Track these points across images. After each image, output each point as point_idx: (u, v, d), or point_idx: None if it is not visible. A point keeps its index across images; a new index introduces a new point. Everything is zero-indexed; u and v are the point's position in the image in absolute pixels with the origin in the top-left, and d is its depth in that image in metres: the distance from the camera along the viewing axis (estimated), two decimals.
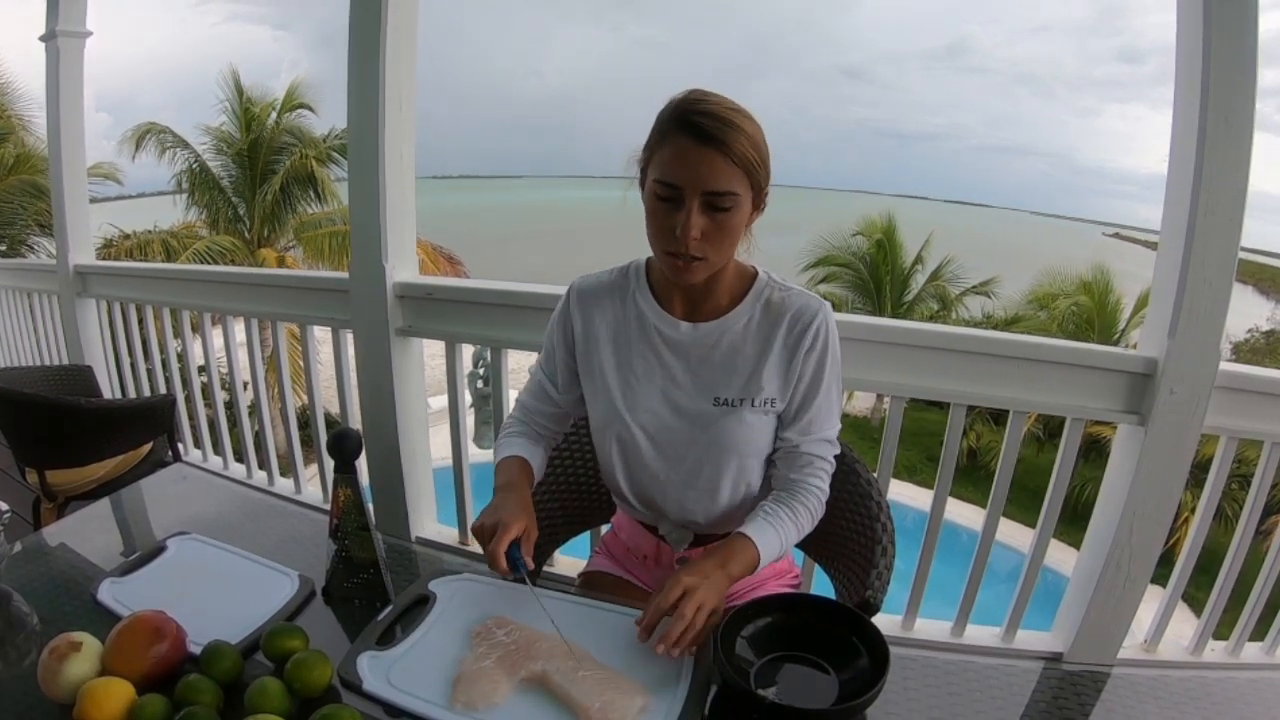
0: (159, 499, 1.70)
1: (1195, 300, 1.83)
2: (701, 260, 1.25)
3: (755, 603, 1.21)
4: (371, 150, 2.36)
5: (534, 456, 1.48)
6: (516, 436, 1.51)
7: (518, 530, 1.25)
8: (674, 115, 1.22)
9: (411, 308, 2.50)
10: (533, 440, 1.52)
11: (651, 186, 1.25)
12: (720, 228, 1.23)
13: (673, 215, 1.23)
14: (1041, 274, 18.26)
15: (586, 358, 1.45)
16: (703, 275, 1.29)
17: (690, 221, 1.21)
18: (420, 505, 2.72)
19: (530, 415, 1.54)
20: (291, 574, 1.35)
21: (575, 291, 1.47)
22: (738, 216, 1.24)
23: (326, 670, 1.07)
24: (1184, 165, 1.82)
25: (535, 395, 1.54)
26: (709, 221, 1.22)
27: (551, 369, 1.51)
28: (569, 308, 1.47)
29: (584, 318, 1.45)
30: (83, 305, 3.83)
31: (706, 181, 1.20)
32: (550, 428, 1.55)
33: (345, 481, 1.27)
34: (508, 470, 1.42)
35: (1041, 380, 2.05)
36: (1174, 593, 2.29)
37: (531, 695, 1.08)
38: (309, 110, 14.17)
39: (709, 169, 1.19)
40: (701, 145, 1.19)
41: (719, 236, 1.24)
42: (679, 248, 1.23)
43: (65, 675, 1.02)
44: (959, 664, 1.19)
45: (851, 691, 1.07)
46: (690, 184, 1.20)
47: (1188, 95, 1.81)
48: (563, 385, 1.50)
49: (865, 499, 1.60)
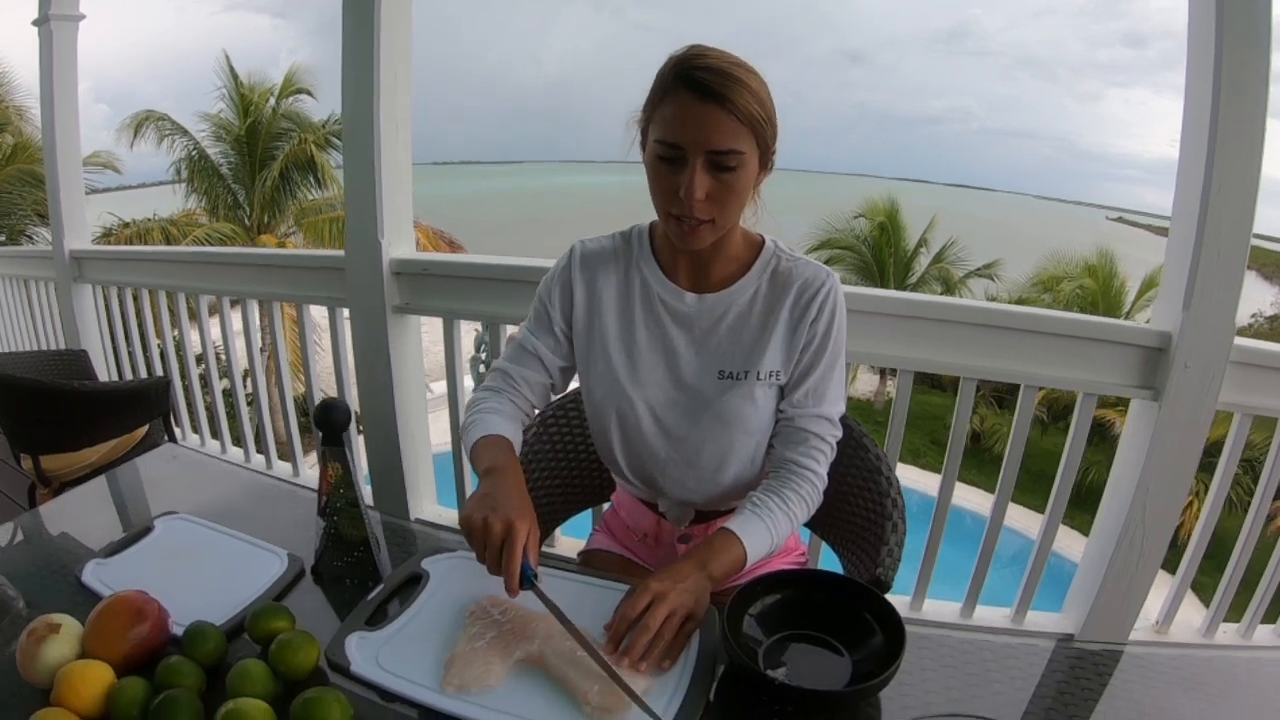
0: (149, 479, 1.66)
1: (1209, 271, 1.80)
2: (707, 223, 1.20)
3: (763, 579, 1.16)
4: (366, 122, 2.31)
5: (516, 438, 1.34)
6: (493, 414, 1.35)
7: (527, 532, 1.09)
8: (674, 71, 1.16)
9: (408, 284, 2.46)
10: (511, 420, 1.37)
11: (652, 147, 1.19)
12: (726, 188, 1.17)
13: (675, 176, 1.17)
14: (1045, 257, 18.26)
15: (588, 327, 1.38)
16: (709, 239, 1.23)
17: (694, 182, 1.15)
18: (419, 486, 2.69)
19: (513, 384, 1.40)
20: (280, 553, 1.30)
21: (578, 254, 1.39)
22: (743, 176, 1.18)
23: (313, 651, 1.03)
24: (1198, 134, 1.79)
25: (520, 362, 1.40)
26: (714, 182, 1.16)
27: (544, 331, 1.40)
28: (571, 270, 1.38)
29: (587, 283, 1.38)
30: (79, 291, 3.80)
31: (710, 140, 1.14)
32: (530, 401, 1.42)
33: (334, 455, 1.22)
34: (494, 452, 1.26)
35: (1053, 354, 2.01)
36: (1187, 573, 2.26)
37: (528, 677, 1.03)
38: (308, 95, 14.15)
39: (712, 126, 1.13)
40: (703, 101, 1.13)
41: (725, 197, 1.18)
42: (683, 210, 1.18)
43: (43, 658, 0.99)
44: (970, 641, 1.15)
45: (865, 672, 1.03)
46: (692, 143, 1.14)
47: (1201, 63, 1.77)
48: (555, 350, 1.40)
49: (874, 474, 1.56)
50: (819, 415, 1.33)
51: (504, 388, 1.40)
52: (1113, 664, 1.10)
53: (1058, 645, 1.16)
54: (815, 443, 1.32)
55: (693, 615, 1.08)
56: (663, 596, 1.05)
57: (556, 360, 1.41)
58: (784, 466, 1.32)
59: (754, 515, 1.23)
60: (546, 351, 1.40)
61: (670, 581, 1.08)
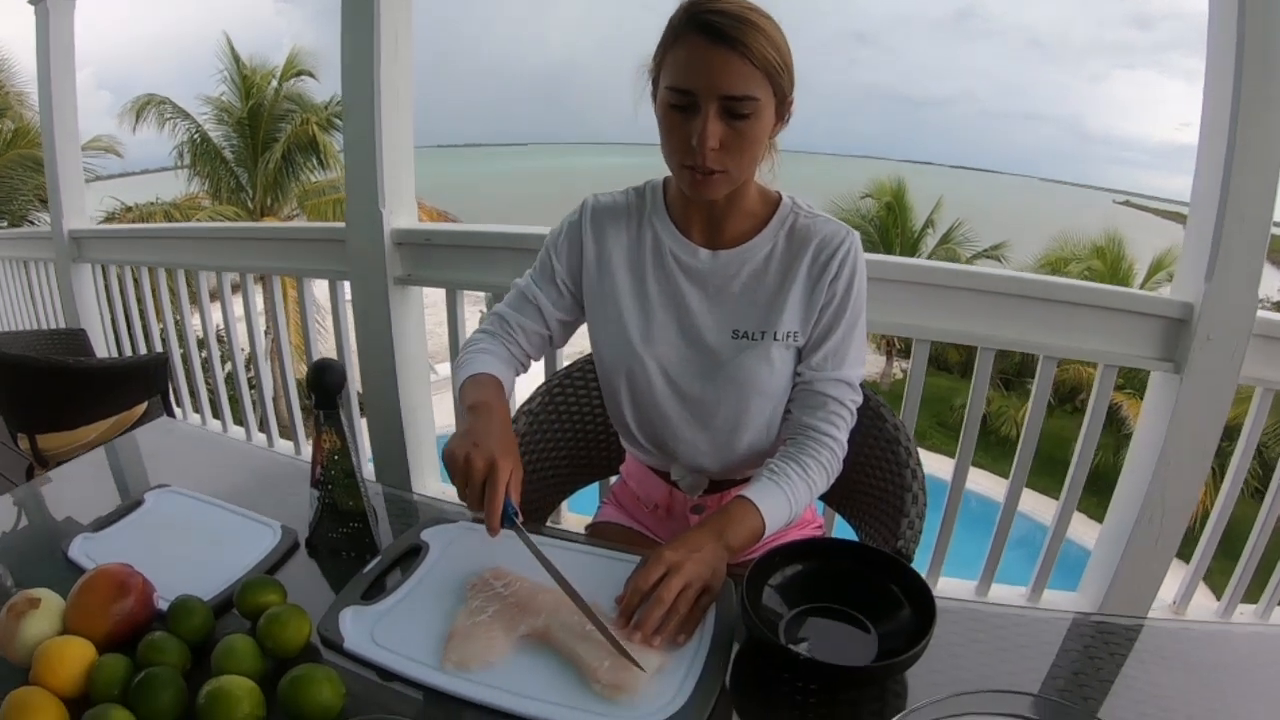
0: (144, 453, 1.61)
1: (1233, 240, 1.75)
2: (721, 173, 1.14)
3: (782, 548, 1.11)
4: (367, 89, 2.25)
5: (507, 380, 1.31)
6: (486, 354, 1.32)
7: (510, 471, 1.05)
8: (685, 14, 1.10)
9: (410, 255, 2.41)
10: (504, 363, 1.33)
11: (663, 95, 1.13)
12: (740, 136, 1.11)
13: (687, 124, 1.11)
14: (1053, 239, 18.29)
15: (598, 284, 1.33)
16: (723, 190, 1.17)
17: (707, 130, 1.09)
18: (422, 461, 2.65)
19: (509, 330, 1.36)
20: (273, 525, 1.25)
21: (590, 209, 1.34)
22: (758, 125, 1.12)
23: (303, 627, 0.97)
24: (1221, 98, 1.73)
25: (519, 309, 1.37)
26: (727, 130, 1.11)
27: (546, 282, 1.36)
28: (582, 224, 1.33)
29: (597, 238, 1.33)
30: (78, 270, 3.76)
31: (723, 85, 1.08)
32: (525, 350, 1.38)
33: (330, 421, 1.16)
34: (480, 389, 1.22)
35: (1072, 325, 1.97)
36: (1205, 551, 2.22)
37: (532, 653, 0.97)
38: (310, 77, 14.13)
39: (725, 71, 1.07)
40: (716, 45, 1.07)
41: (739, 146, 1.12)
42: (696, 160, 1.12)
43: (23, 634, 0.94)
44: (999, 615, 1.10)
45: (892, 647, 0.97)
46: (705, 88, 1.08)
47: (1224, 25, 1.70)
48: (556, 303, 1.36)
49: (893, 444, 1.51)
50: (838, 379, 1.27)
51: (500, 333, 1.37)
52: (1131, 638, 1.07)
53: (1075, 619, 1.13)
54: (835, 407, 1.27)
55: (709, 588, 1.03)
56: (678, 567, 1.00)
57: (556, 313, 1.36)
58: (802, 433, 1.27)
59: (772, 483, 1.18)
60: (547, 303, 1.36)
61: (685, 551, 1.03)
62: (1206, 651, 1.03)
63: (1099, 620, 1.10)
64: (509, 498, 1.05)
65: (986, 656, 1.01)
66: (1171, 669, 0.99)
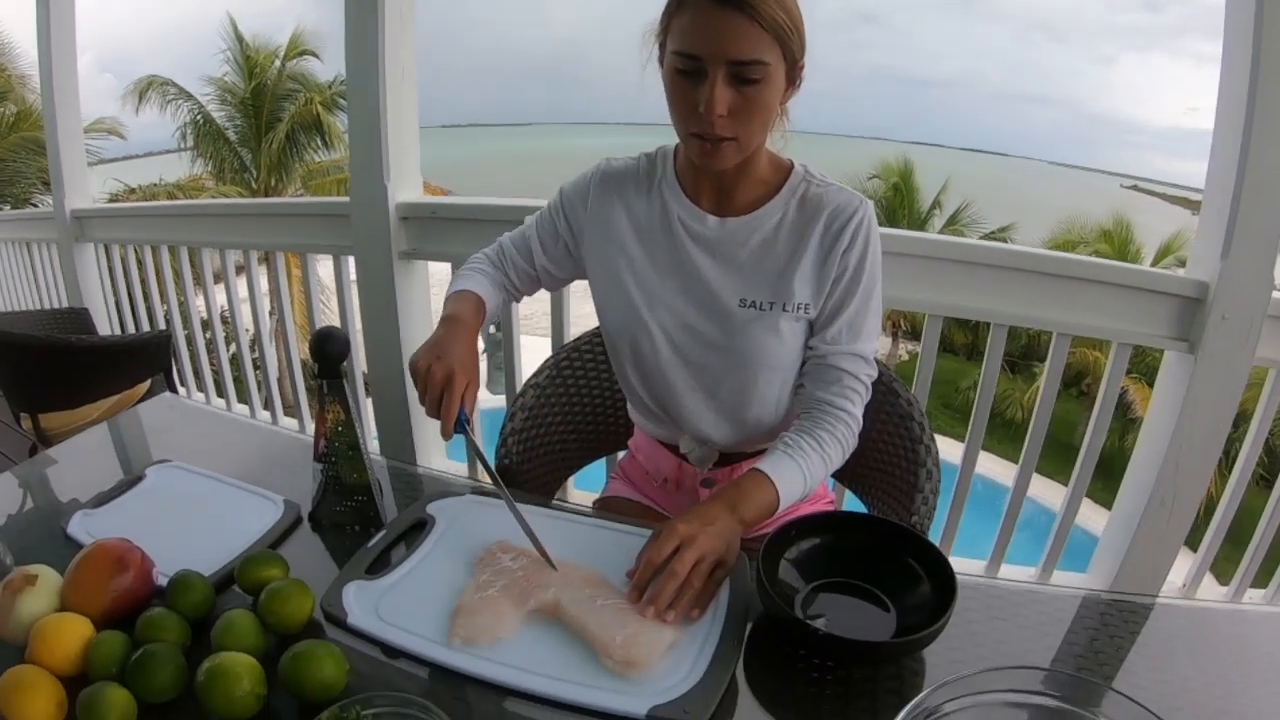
0: (146, 429, 1.59)
1: (1249, 219, 1.71)
2: (730, 141, 1.11)
3: (798, 522, 1.08)
4: (371, 63, 2.22)
5: (491, 300, 1.33)
6: (478, 274, 1.36)
7: (465, 384, 1.10)
8: None
9: (415, 229, 2.39)
10: (494, 284, 1.36)
11: (670, 60, 1.10)
12: (749, 102, 1.08)
13: (695, 91, 1.08)
14: (1060, 222, 18.26)
15: (602, 247, 1.31)
16: (733, 159, 1.14)
17: (714, 96, 1.06)
18: (427, 437, 2.63)
19: (504, 260, 1.40)
20: (276, 499, 1.23)
21: (600, 173, 1.33)
22: (769, 90, 1.08)
23: (306, 602, 0.95)
24: (1238, 78, 1.69)
25: (517, 245, 1.39)
26: (736, 96, 1.07)
27: (546, 230, 1.37)
28: (590, 185, 1.32)
29: (604, 202, 1.31)
30: (81, 250, 3.73)
31: (731, 49, 1.04)
32: (516, 284, 1.41)
33: (334, 392, 1.13)
34: (458, 304, 1.26)
35: (1086, 302, 1.94)
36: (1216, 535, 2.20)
37: (542, 628, 0.95)
38: (314, 56, 14.10)
39: (733, 35, 1.04)
40: (723, 7, 1.03)
41: (748, 113, 1.09)
42: (704, 127, 1.09)
43: (19, 612, 0.92)
44: (1005, 590, 1.09)
45: (911, 623, 0.95)
46: (713, 53, 1.05)
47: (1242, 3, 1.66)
48: (548, 251, 1.37)
49: (906, 419, 1.48)
50: (853, 353, 1.24)
51: (496, 261, 1.40)
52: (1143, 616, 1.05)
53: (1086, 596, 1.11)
54: (849, 381, 1.24)
55: (723, 561, 1.01)
56: (691, 540, 0.98)
57: (545, 261, 1.37)
58: (817, 407, 1.24)
59: (786, 456, 1.15)
60: (539, 249, 1.37)
61: (699, 524, 1.01)
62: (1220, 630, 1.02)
63: (1116, 598, 1.08)
64: (463, 407, 1.09)
65: (1004, 633, 0.99)
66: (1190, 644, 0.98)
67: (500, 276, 1.38)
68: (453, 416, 1.08)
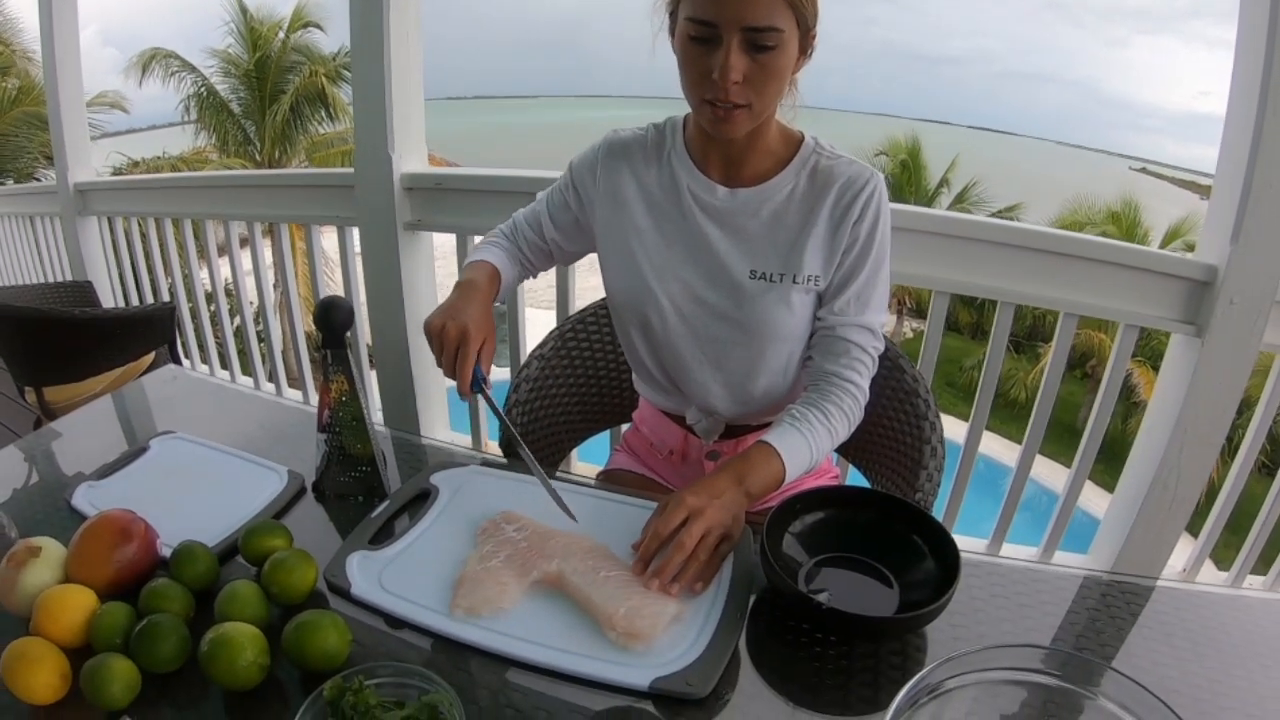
0: (151, 401, 1.59)
1: (1260, 203, 1.69)
2: (744, 108, 1.10)
3: (803, 496, 1.08)
4: (376, 31, 2.19)
5: (507, 269, 1.34)
6: (494, 248, 1.37)
7: (481, 340, 1.12)
8: None
9: (420, 200, 2.37)
10: (509, 256, 1.37)
11: (683, 27, 1.08)
12: (763, 69, 1.07)
13: (709, 57, 1.07)
14: (1068, 203, 18.15)
15: (611, 218, 1.31)
16: (746, 126, 1.13)
17: (729, 62, 1.05)
18: (431, 409, 2.63)
19: (517, 234, 1.40)
20: (280, 469, 1.23)
21: (607, 145, 1.32)
22: (782, 58, 1.08)
23: (309, 572, 0.95)
24: (1252, 62, 1.66)
25: (530, 221, 1.40)
26: (750, 62, 1.06)
27: (556, 204, 1.37)
28: (597, 158, 1.32)
29: (612, 173, 1.30)
30: (84, 224, 3.72)
31: (746, 15, 1.03)
32: (530, 258, 1.41)
33: (338, 362, 1.13)
34: (473, 271, 1.28)
35: (1093, 282, 1.92)
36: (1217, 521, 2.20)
37: (545, 599, 0.95)
38: (317, 28, 14.00)
39: (748, 1, 1.03)
40: None
41: (762, 79, 1.08)
42: (718, 94, 1.08)
43: (23, 584, 0.92)
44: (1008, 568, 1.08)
45: (914, 599, 0.95)
46: (728, 19, 1.04)
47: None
48: (558, 224, 1.37)
49: (911, 395, 1.48)
50: (861, 325, 1.23)
51: (510, 234, 1.41)
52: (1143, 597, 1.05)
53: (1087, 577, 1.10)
54: (857, 354, 1.23)
55: (729, 535, 1.01)
56: (699, 513, 0.98)
57: (555, 234, 1.38)
58: (824, 379, 1.23)
59: (793, 428, 1.15)
60: (549, 222, 1.38)
61: (706, 497, 1.01)
62: (1218, 614, 1.02)
63: (1117, 579, 1.08)
64: (479, 366, 1.10)
65: (1007, 611, 0.99)
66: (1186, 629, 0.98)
67: (514, 249, 1.39)
68: (468, 376, 1.09)
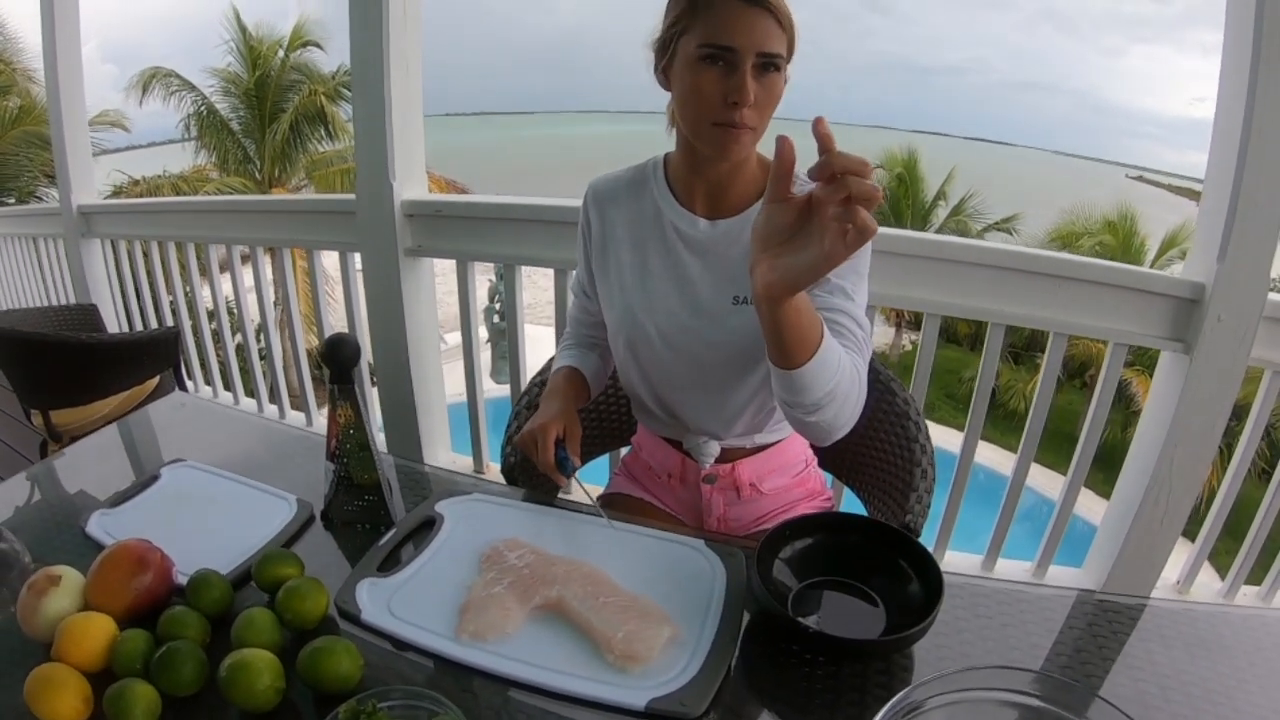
0: (159, 428, 1.62)
1: (1246, 221, 1.72)
2: (750, 130, 1.16)
3: (793, 523, 1.11)
4: (376, 62, 2.24)
5: (584, 361, 1.47)
6: (565, 350, 1.52)
7: (556, 429, 1.24)
8: None
9: (420, 226, 2.41)
10: (584, 348, 1.51)
11: (696, 53, 1.13)
12: (769, 93, 1.15)
13: (724, 81, 1.13)
14: (1064, 212, 18.11)
15: (602, 258, 1.38)
16: (749, 147, 1.19)
17: (747, 84, 1.11)
18: (434, 432, 2.66)
19: (576, 328, 1.53)
20: (289, 498, 1.27)
21: (591, 193, 1.41)
22: (781, 83, 1.16)
23: (321, 599, 0.98)
24: (1237, 80, 1.70)
25: (577, 308, 1.52)
26: (759, 87, 1.13)
27: (583, 278, 1.47)
28: (586, 208, 1.41)
29: (600, 218, 1.38)
30: (88, 246, 3.76)
31: (762, 42, 1.11)
32: (597, 335, 1.51)
33: (344, 395, 1.17)
34: (552, 381, 1.42)
35: (1083, 302, 1.95)
36: (1210, 533, 2.22)
37: (546, 624, 0.99)
38: (317, 47, 14.05)
39: (763, 30, 1.11)
40: (752, 6, 1.10)
41: (767, 103, 1.16)
42: (731, 116, 1.14)
43: (44, 611, 0.95)
44: (1003, 591, 1.10)
45: (900, 621, 0.98)
46: (746, 45, 1.11)
47: (1242, 7, 1.67)
48: (593, 293, 1.45)
49: (902, 418, 1.51)
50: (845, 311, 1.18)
51: (571, 332, 1.55)
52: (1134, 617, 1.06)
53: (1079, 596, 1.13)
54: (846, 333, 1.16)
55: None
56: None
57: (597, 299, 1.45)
58: None
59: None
60: (584, 297, 1.49)
61: None
62: (1207, 632, 1.03)
63: (1102, 599, 1.10)
64: (565, 449, 1.24)
65: (992, 632, 1.01)
66: (1172, 648, 1.00)
67: (580, 341, 1.52)
68: (551, 465, 1.22)
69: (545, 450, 1.21)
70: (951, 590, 0.99)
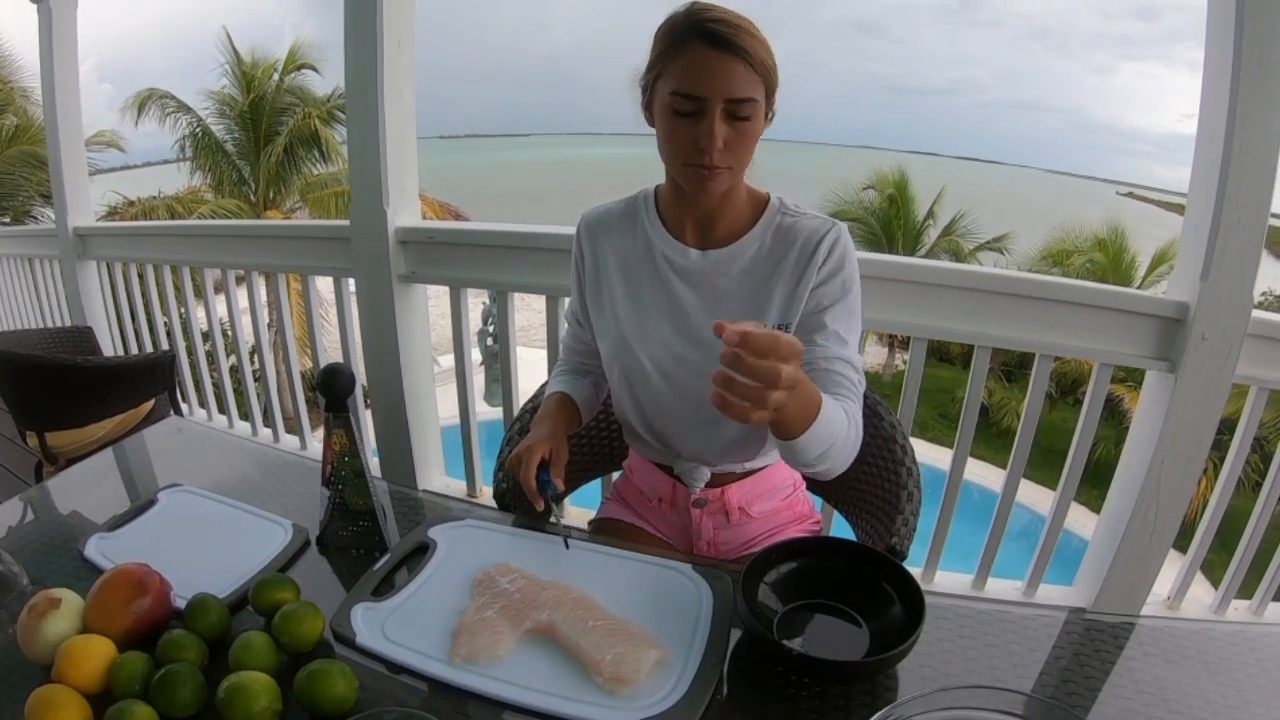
0: (154, 452, 1.64)
1: (1229, 241, 1.74)
2: (725, 169, 1.19)
3: (778, 547, 1.14)
4: (370, 90, 2.27)
5: (576, 388, 1.48)
6: (558, 376, 1.53)
7: (542, 451, 1.26)
8: (686, 25, 1.15)
9: (414, 253, 2.43)
10: (577, 374, 1.52)
11: (668, 100, 1.17)
12: (741, 135, 1.17)
13: (694, 127, 1.16)
14: (1055, 230, 18.12)
15: (596, 288, 1.41)
16: (725, 184, 1.22)
17: (714, 131, 1.15)
18: (427, 457, 2.67)
19: (570, 355, 1.55)
20: (285, 523, 1.29)
21: (583, 224, 1.44)
22: (757, 124, 1.19)
23: (317, 623, 1.00)
24: (1218, 97, 1.72)
25: (570, 335, 1.55)
26: (730, 130, 1.16)
27: (575, 308, 1.50)
28: (579, 239, 1.44)
29: (592, 249, 1.41)
30: (83, 268, 3.76)
31: (729, 89, 1.13)
32: (590, 363, 1.54)
33: (339, 423, 1.19)
34: (544, 406, 1.44)
35: (1068, 324, 1.96)
36: (1200, 548, 2.23)
37: (537, 647, 1.01)
38: (312, 70, 14.09)
39: (730, 76, 1.13)
40: (721, 53, 1.12)
41: (741, 145, 1.18)
42: (702, 159, 1.17)
43: (44, 634, 0.97)
44: (987, 612, 1.12)
45: (884, 642, 1.00)
46: (713, 93, 1.14)
47: (1222, 24, 1.70)
48: (586, 322, 1.47)
49: (889, 442, 1.53)
50: (842, 358, 1.24)
51: (564, 359, 1.57)
52: (1124, 637, 1.08)
53: (1071, 615, 1.13)
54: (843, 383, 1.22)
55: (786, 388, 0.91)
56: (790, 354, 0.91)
57: (591, 329, 1.47)
58: None
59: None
60: (577, 326, 1.52)
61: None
62: (1191, 649, 1.05)
63: (1089, 618, 1.11)
64: (549, 472, 1.26)
65: (976, 653, 1.03)
66: (1159, 667, 1.01)
67: (572, 368, 1.54)
68: (531, 484, 1.22)
69: (527, 472, 1.23)
70: (938, 612, 1.01)
